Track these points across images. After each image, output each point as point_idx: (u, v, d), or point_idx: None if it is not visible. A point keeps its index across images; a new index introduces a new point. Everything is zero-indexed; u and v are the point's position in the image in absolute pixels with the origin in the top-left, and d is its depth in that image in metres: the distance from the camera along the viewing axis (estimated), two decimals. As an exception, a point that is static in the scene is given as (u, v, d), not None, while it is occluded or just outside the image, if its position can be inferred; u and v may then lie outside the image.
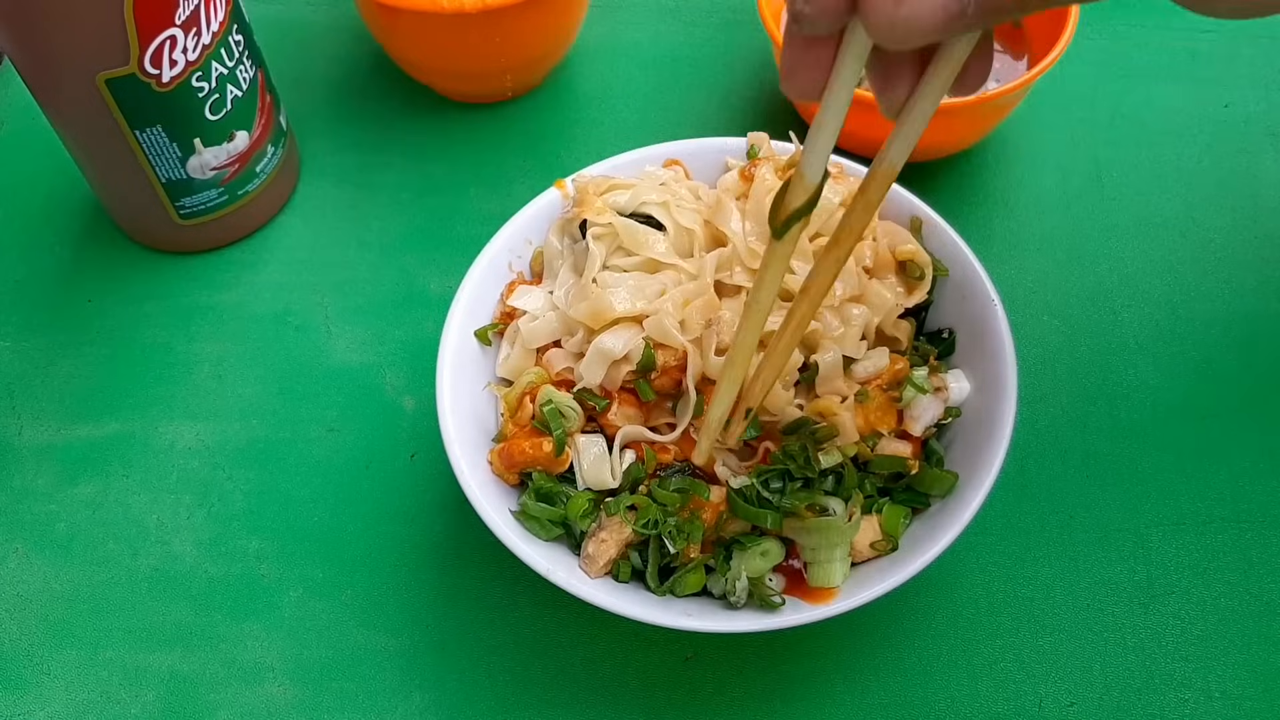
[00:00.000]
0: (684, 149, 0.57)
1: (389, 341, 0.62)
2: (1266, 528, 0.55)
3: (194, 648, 0.54)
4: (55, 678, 0.53)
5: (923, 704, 0.51)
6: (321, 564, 0.56)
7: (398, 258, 0.65)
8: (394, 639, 0.54)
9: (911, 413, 0.50)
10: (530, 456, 0.49)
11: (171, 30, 0.54)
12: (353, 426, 0.60)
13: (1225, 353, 0.60)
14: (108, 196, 0.64)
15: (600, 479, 0.49)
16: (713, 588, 0.49)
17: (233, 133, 0.60)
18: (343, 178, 0.69)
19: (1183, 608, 0.53)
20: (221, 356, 0.62)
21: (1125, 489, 0.56)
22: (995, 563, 0.54)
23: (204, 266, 0.65)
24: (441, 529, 0.56)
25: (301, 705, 0.52)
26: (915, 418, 0.50)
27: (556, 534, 0.49)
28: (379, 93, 0.72)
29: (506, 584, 0.54)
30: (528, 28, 0.64)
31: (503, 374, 0.54)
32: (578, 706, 0.52)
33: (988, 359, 0.51)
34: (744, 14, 0.74)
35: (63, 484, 0.58)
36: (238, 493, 0.58)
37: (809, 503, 0.47)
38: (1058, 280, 0.63)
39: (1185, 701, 0.51)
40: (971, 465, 0.49)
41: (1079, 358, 0.60)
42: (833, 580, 0.47)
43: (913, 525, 0.49)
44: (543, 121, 0.71)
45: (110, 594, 0.55)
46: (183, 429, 0.60)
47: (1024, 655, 0.52)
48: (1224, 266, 0.63)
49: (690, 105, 0.71)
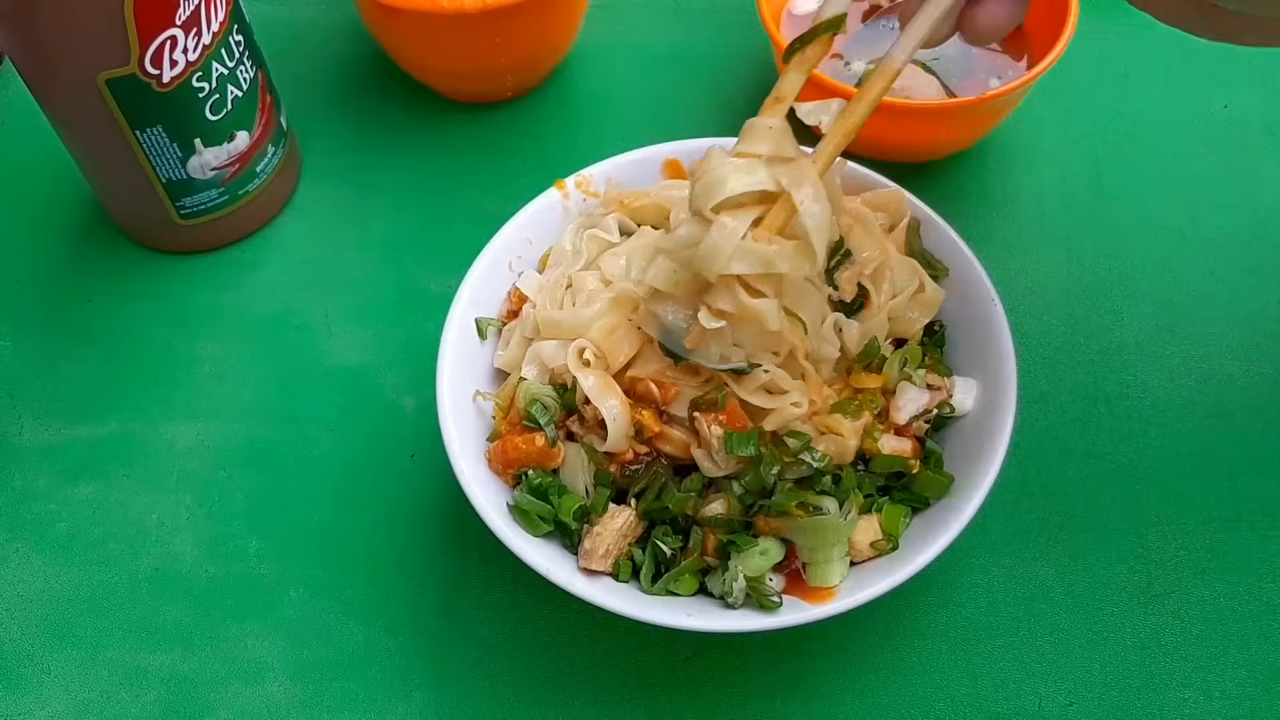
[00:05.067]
0: (684, 149, 0.57)
1: (389, 341, 0.62)
2: (1266, 528, 0.55)
3: (194, 648, 0.54)
4: (55, 678, 0.53)
5: (923, 704, 0.51)
6: (321, 564, 0.56)
7: (398, 258, 0.65)
8: (394, 639, 0.54)
9: (896, 400, 0.50)
10: (524, 452, 0.49)
11: (172, 30, 0.54)
12: (353, 426, 0.60)
13: (1225, 353, 0.60)
14: (108, 196, 0.64)
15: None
16: (712, 587, 0.49)
17: (233, 133, 0.60)
18: (343, 178, 0.69)
19: (1183, 608, 0.53)
20: (221, 356, 0.62)
21: (1125, 489, 0.56)
22: (995, 563, 0.54)
23: (204, 266, 0.65)
24: (441, 529, 0.56)
25: (301, 705, 0.52)
26: (899, 406, 0.50)
27: (546, 530, 0.49)
28: (379, 93, 0.72)
29: (506, 584, 0.54)
30: (528, 28, 0.64)
31: (500, 365, 0.54)
32: (578, 706, 0.52)
33: (988, 359, 0.51)
34: (744, 14, 0.74)
35: (63, 484, 0.58)
36: (238, 493, 0.58)
37: (799, 501, 0.47)
38: (1058, 280, 0.63)
39: (1185, 701, 0.51)
40: (971, 465, 0.49)
41: (1079, 358, 0.60)
42: (831, 580, 0.47)
43: (913, 525, 0.49)
44: (543, 121, 0.71)
45: (110, 594, 0.55)
46: (183, 429, 0.60)
47: (1024, 655, 0.52)
48: (1224, 266, 0.63)
49: (690, 105, 0.71)
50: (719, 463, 0.48)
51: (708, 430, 0.47)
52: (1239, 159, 0.67)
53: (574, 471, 0.50)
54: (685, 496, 0.48)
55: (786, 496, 0.47)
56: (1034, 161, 0.67)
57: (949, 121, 0.61)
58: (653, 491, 0.49)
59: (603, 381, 0.49)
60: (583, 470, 0.49)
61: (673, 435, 0.49)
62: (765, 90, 0.47)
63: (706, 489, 0.49)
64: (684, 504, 0.48)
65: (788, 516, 0.47)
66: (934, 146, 0.64)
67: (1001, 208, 0.66)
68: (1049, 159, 0.67)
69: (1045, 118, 0.69)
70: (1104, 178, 0.66)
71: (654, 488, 0.49)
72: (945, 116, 0.61)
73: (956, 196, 0.66)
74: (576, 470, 0.50)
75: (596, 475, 0.49)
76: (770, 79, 0.72)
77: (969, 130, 0.64)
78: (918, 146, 0.64)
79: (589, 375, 0.49)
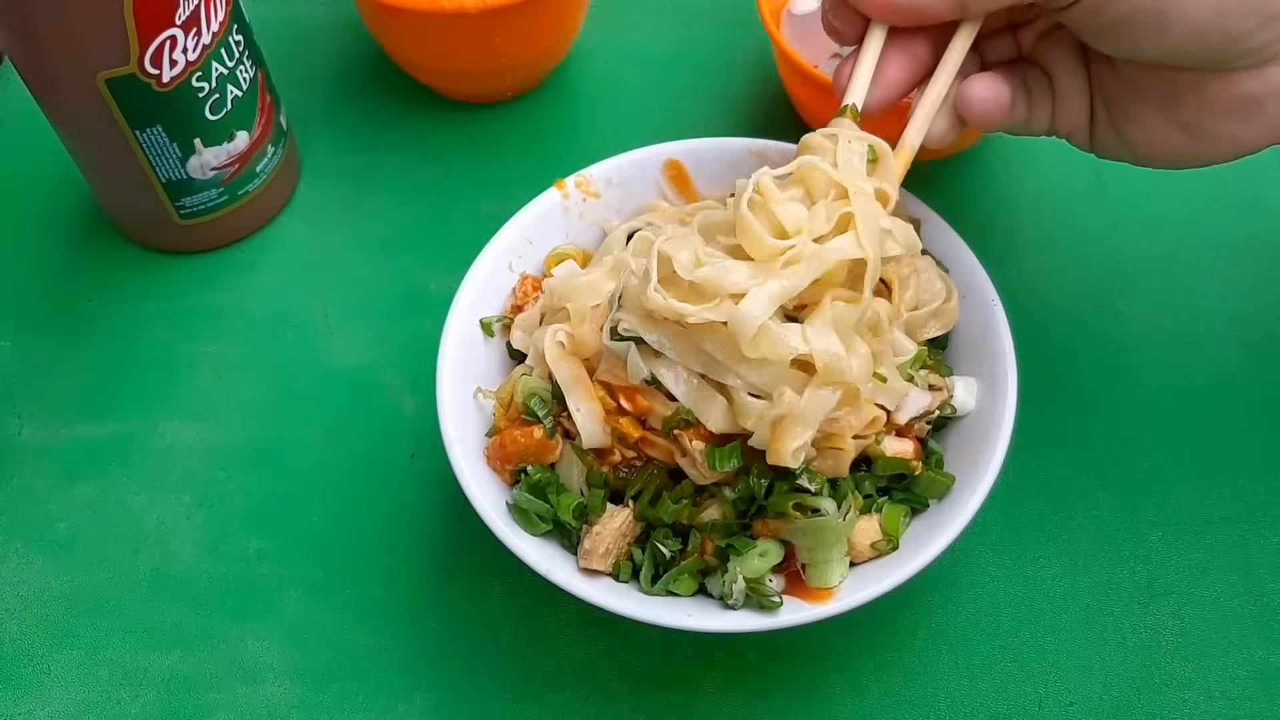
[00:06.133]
0: (684, 149, 0.57)
1: (389, 341, 0.62)
2: (1266, 528, 0.55)
3: (194, 648, 0.54)
4: (55, 678, 0.53)
5: (922, 704, 0.51)
6: (321, 564, 0.56)
7: (398, 258, 0.65)
8: (394, 639, 0.54)
9: None
10: (523, 445, 0.49)
11: (171, 30, 0.54)
12: (353, 426, 0.60)
13: (1225, 353, 0.60)
14: (108, 196, 0.64)
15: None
16: (712, 588, 0.49)
17: (233, 133, 0.60)
18: (343, 178, 0.69)
19: (1183, 608, 0.53)
20: (221, 356, 0.62)
21: (1125, 489, 0.56)
22: (995, 563, 0.54)
23: (204, 266, 0.65)
24: (441, 529, 0.56)
25: (301, 705, 0.52)
26: (900, 407, 0.50)
27: (545, 529, 0.49)
28: (379, 93, 0.72)
29: (506, 584, 0.54)
30: (528, 28, 0.64)
31: (518, 345, 0.54)
32: (577, 706, 0.52)
33: (988, 359, 0.51)
34: (744, 14, 0.74)
35: (63, 484, 0.58)
36: (238, 493, 0.58)
37: (797, 502, 0.47)
38: (1058, 280, 0.63)
39: (1185, 701, 0.51)
40: (971, 465, 0.49)
41: (1079, 358, 0.60)
42: (830, 580, 0.47)
43: (913, 525, 0.49)
44: (543, 121, 0.71)
45: (110, 594, 0.55)
46: (183, 429, 0.60)
47: (1024, 655, 0.52)
48: (1224, 266, 0.63)
49: (690, 105, 0.71)
50: (704, 473, 0.47)
51: (689, 444, 0.47)
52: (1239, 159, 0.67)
53: (570, 469, 0.50)
54: (679, 507, 0.48)
55: (783, 498, 0.47)
56: (1034, 161, 0.67)
57: (949, 121, 0.61)
58: (647, 495, 0.49)
59: (574, 374, 0.49)
60: (577, 470, 0.49)
61: (656, 441, 0.48)
62: (765, 90, 0.48)
63: (699, 494, 0.49)
64: (678, 513, 0.48)
65: (785, 518, 0.47)
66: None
67: (1001, 208, 0.66)
68: (1049, 159, 0.67)
69: (1045, 118, 0.69)
70: (1104, 178, 0.66)
71: (648, 491, 0.49)
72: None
73: (956, 196, 0.66)
74: (572, 468, 0.49)
75: (589, 476, 0.49)
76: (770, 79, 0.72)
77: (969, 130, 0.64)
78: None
79: (562, 363, 0.49)
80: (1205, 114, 0.45)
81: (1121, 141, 0.48)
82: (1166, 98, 0.46)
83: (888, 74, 0.48)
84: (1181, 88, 0.45)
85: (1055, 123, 0.50)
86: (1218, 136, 0.46)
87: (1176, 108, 0.46)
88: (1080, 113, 0.49)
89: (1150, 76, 0.46)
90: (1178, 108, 0.46)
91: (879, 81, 0.48)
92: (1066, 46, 0.49)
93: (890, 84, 0.48)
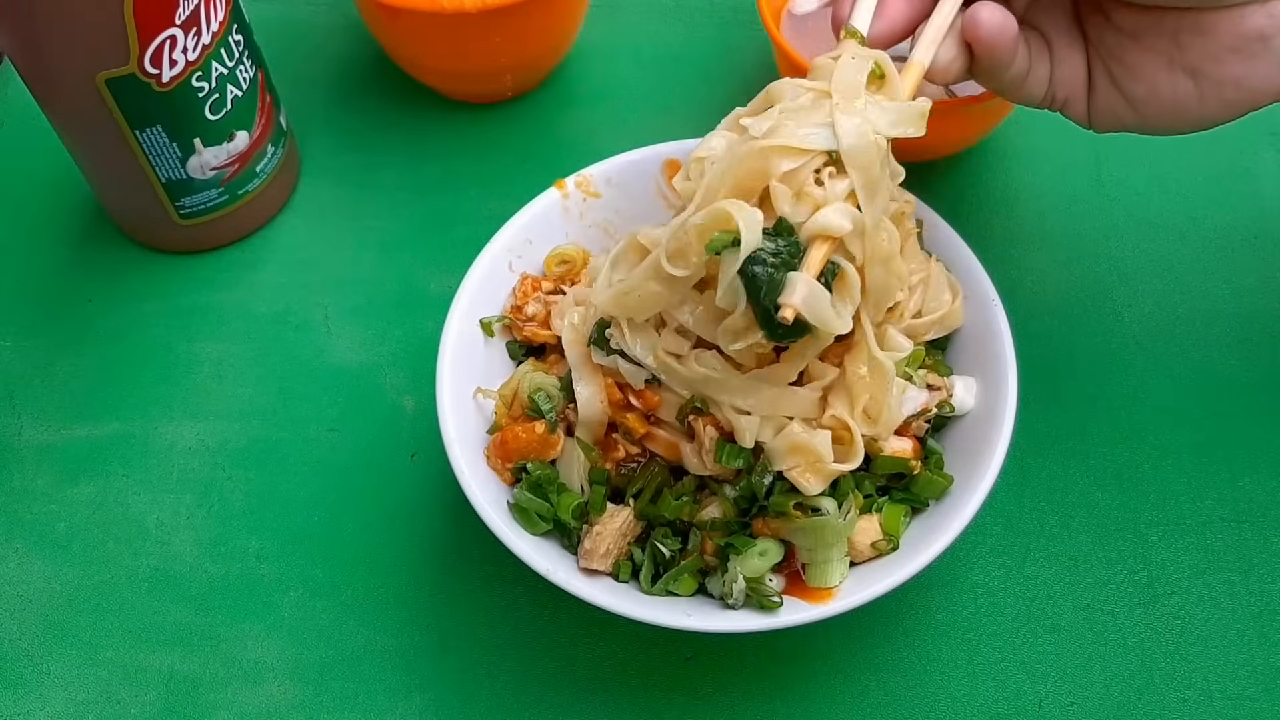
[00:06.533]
0: (684, 149, 0.57)
1: (389, 341, 0.62)
2: (1266, 528, 0.55)
3: (194, 648, 0.54)
4: (55, 678, 0.53)
5: (923, 704, 0.51)
6: (321, 564, 0.56)
7: (398, 258, 0.65)
8: (394, 639, 0.54)
9: None
10: (524, 441, 0.49)
11: (171, 30, 0.54)
12: (353, 426, 0.60)
13: (1225, 352, 0.60)
14: (108, 196, 0.64)
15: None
16: (712, 588, 0.49)
17: (233, 133, 0.60)
18: (343, 178, 0.69)
19: (1183, 608, 0.53)
20: (221, 356, 0.62)
21: (1125, 489, 0.56)
22: (995, 563, 0.54)
23: (204, 266, 0.65)
24: (441, 529, 0.56)
25: (301, 705, 0.52)
26: None
27: (545, 529, 0.49)
28: (379, 93, 0.72)
29: (506, 584, 0.54)
30: (528, 28, 0.64)
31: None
32: (578, 706, 0.52)
33: (988, 359, 0.51)
34: (744, 14, 0.74)
35: (63, 484, 0.58)
36: (238, 493, 0.58)
37: (797, 502, 0.47)
38: (1058, 280, 0.63)
39: (1185, 701, 0.51)
40: (971, 465, 0.49)
41: (1079, 358, 0.60)
42: (830, 580, 0.47)
43: (913, 525, 0.49)
44: (543, 121, 0.71)
45: (110, 594, 0.55)
46: (183, 429, 0.60)
47: (1024, 655, 0.52)
48: (1224, 266, 0.63)
49: (690, 105, 0.71)
50: (706, 462, 0.47)
51: (702, 431, 0.47)
52: (1239, 159, 0.67)
53: (571, 466, 0.50)
54: (680, 504, 0.48)
55: (784, 498, 0.47)
56: (1034, 161, 0.67)
57: (949, 121, 0.61)
58: (649, 493, 0.49)
59: (583, 354, 0.49)
60: (578, 465, 0.49)
61: (660, 435, 0.49)
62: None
63: (700, 491, 0.49)
64: (679, 510, 0.48)
65: (786, 518, 0.47)
66: (934, 146, 0.64)
67: (1001, 208, 0.66)
68: (1049, 159, 0.67)
69: (1045, 118, 0.69)
70: (1104, 178, 0.66)
71: (650, 489, 0.49)
72: (945, 116, 0.61)
73: (956, 196, 0.66)
74: (573, 465, 0.49)
75: (591, 472, 0.49)
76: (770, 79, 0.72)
77: (969, 130, 0.64)
78: (918, 147, 0.64)
79: (575, 346, 0.49)
80: (1211, 56, 0.44)
81: (1124, 101, 0.46)
82: (1170, 42, 0.44)
83: (890, 5, 0.46)
84: (1185, 30, 0.44)
85: (1053, 85, 0.48)
86: (1225, 79, 0.44)
87: (1181, 51, 0.44)
88: (1077, 75, 0.47)
89: (1151, 22, 0.44)
90: (1182, 51, 0.44)
91: (881, 13, 0.46)
92: (1060, 9, 0.48)
93: (892, 16, 0.46)
